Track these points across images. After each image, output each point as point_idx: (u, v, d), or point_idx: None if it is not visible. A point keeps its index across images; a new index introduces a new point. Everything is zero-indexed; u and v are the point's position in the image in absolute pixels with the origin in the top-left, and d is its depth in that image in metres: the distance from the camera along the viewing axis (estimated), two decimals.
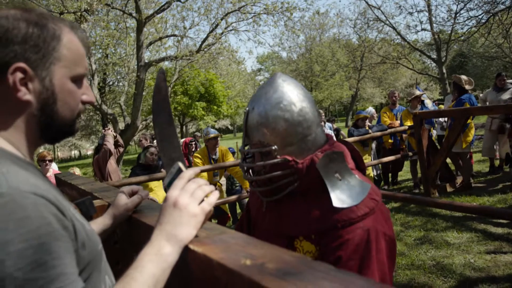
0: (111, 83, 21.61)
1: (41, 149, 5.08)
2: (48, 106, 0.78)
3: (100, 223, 1.09)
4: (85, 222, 0.80)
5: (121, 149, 5.81)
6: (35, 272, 0.59)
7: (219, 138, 5.51)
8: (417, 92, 6.82)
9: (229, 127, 49.51)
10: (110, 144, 4.96)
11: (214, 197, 0.85)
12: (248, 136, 1.21)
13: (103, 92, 19.71)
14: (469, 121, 6.17)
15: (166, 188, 0.89)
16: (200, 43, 14.22)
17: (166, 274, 0.74)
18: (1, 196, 0.61)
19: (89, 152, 46.41)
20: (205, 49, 14.35)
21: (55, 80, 0.78)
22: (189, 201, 0.80)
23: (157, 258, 0.74)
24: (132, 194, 1.15)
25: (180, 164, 0.90)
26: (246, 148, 1.26)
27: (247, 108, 1.21)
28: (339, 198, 1.11)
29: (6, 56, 0.72)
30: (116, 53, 17.00)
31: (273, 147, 1.15)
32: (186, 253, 0.76)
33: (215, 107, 24.48)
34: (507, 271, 3.46)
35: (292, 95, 1.17)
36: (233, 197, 5.44)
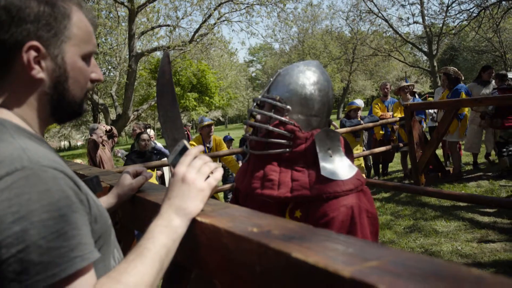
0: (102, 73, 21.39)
1: None
2: (60, 84, 0.80)
3: (105, 201, 1.12)
4: (96, 198, 0.83)
5: (116, 139, 5.84)
6: (57, 241, 0.62)
7: (212, 127, 5.55)
8: (403, 83, 6.90)
9: (221, 118, 49.41)
10: (96, 135, 5.02)
11: (219, 173, 0.89)
12: (269, 90, 1.31)
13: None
14: (465, 110, 6.28)
15: (171, 165, 0.92)
16: (192, 33, 14.15)
17: (176, 245, 0.79)
18: (24, 170, 0.64)
19: (79, 143, 46.00)
20: (198, 40, 14.29)
21: (67, 58, 0.80)
22: (196, 177, 0.84)
23: (167, 230, 0.78)
24: (136, 174, 1.18)
25: (185, 142, 0.93)
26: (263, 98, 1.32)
27: (280, 70, 1.33)
28: (327, 169, 1.17)
29: (20, 35, 0.74)
30: (107, 42, 16.82)
31: (288, 107, 1.25)
32: (194, 225, 0.81)
33: (207, 98, 24.43)
34: (493, 257, 3.58)
35: (323, 79, 1.31)
36: (228, 185, 5.49)
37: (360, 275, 0.46)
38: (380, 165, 7.76)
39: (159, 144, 7.28)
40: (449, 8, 18.34)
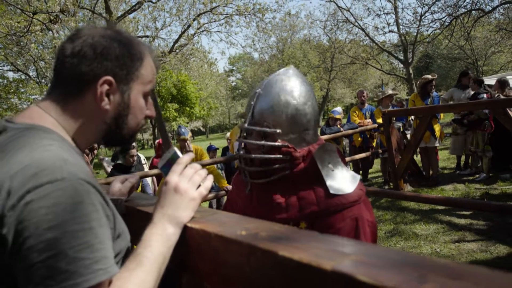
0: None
1: None
2: (121, 118, 0.89)
3: None
4: (120, 216, 0.87)
5: (95, 151, 5.77)
6: (84, 253, 0.66)
7: (189, 141, 5.55)
8: (389, 91, 7.09)
9: (201, 128, 49.27)
10: None
11: (209, 182, 0.92)
12: (253, 116, 1.26)
13: None
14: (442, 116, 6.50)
15: (161, 170, 0.96)
16: (172, 44, 14.15)
17: (171, 251, 0.82)
18: (63, 181, 0.68)
19: None
20: (177, 50, 14.29)
21: (132, 95, 0.89)
22: (189, 186, 0.88)
23: (162, 238, 0.81)
24: (124, 181, 1.21)
25: (176, 149, 0.97)
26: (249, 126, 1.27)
27: (258, 90, 1.27)
28: (334, 186, 1.20)
29: (99, 70, 0.83)
30: None
31: (278, 131, 1.22)
32: (184, 231, 0.84)
33: (188, 109, 24.36)
34: (470, 258, 3.70)
35: (304, 88, 1.27)
36: (211, 195, 5.49)
37: (340, 267, 0.51)
38: (361, 172, 7.90)
39: (142, 156, 7.24)
40: (423, 17, 18.89)
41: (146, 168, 6.74)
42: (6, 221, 0.65)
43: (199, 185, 0.90)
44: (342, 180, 1.22)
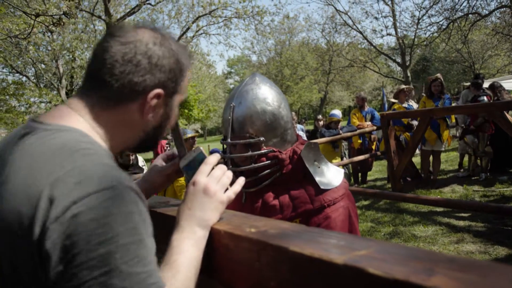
0: (78, 86, 21.11)
1: None
2: (161, 128, 0.87)
3: None
4: None
5: None
6: (137, 267, 0.61)
7: (196, 138, 5.61)
8: (403, 86, 7.18)
9: (199, 130, 49.27)
10: None
11: (238, 186, 0.89)
12: (233, 130, 1.28)
13: (71, 95, 19.24)
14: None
15: (183, 170, 0.93)
16: None
17: (202, 254, 0.80)
18: (112, 189, 0.63)
19: None
20: None
21: (173, 106, 0.87)
22: (218, 188, 0.85)
23: (195, 243, 0.78)
24: (167, 159, 1.10)
25: (202, 149, 0.94)
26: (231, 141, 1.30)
27: (232, 104, 1.29)
28: (323, 182, 1.27)
29: (152, 82, 0.79)
30: (84, 56, 16.66)
31: (261, 139, 1.26)
32: None
33: (186, 111, 24.37)
34: None
35: (275, 92, 1.32)
36: None
37: (351, 261, 0.53)
38: (360, 174, 7.93)
39: (140, 158, 7.25)
40: (420, 21, 19.00)
41: (145, 169, 6.76)
42: (50, 235, 0.59)
43: (227, 188, 0.87)
44: (329, 175, 1.29)
